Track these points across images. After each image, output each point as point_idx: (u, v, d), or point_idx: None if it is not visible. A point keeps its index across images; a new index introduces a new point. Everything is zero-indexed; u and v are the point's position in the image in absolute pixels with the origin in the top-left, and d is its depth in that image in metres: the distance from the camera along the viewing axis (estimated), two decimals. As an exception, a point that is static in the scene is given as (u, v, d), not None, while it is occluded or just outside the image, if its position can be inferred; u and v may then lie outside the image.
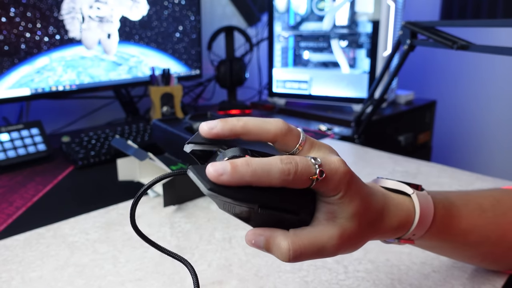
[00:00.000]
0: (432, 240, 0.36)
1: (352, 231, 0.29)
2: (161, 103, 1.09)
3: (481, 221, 0.39)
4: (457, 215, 0.37)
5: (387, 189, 0.34)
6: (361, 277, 0.47)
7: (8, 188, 0.73)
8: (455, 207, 0.37)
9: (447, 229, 0.36)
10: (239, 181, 0.25)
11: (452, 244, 0.39)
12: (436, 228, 0.35)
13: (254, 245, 0.28)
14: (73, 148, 0.88)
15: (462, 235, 0.38)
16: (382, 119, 1.24)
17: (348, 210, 0.28)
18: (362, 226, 0.30)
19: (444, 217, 0.36)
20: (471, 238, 0.38)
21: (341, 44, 1.30)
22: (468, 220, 0.38)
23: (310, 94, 1.32)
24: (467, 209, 0.38)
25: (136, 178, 0.73)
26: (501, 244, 0.40)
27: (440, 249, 0.41)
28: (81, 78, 1.05)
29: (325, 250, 0.28)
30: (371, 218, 0.30)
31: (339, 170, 0.28)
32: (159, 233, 0.57)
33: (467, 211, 0.38)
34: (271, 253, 0.28)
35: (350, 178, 0.28)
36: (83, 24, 1.02)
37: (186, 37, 1.24)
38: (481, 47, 0.72)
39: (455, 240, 0.38)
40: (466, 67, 1.81)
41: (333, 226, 0.29)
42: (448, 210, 0.37)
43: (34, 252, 0.52)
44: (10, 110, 1.09)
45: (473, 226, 0.38)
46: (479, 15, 1.67)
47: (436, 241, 0.37)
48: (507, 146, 1.76)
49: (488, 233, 0.39)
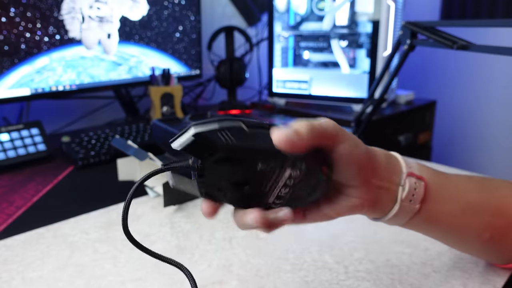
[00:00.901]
0: (429, 207, 0.37)
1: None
2: (161, 103, 1.09)
3: (471, 186, 0.41)
4: (447, 178, 0.40)
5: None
6: (362, 277, 0.47)
7: (8, 188, 0.73)
8: (443, 173, 0.41)
9: (441, 190, 0.38)
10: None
11: (450, 213, 0.39)
12: (430, 192, 0.37)
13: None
14: (73, 148, 0.88)
15: (456, 200, 0.39)
16: (382, 119, 1.24)
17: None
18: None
19: (435, 175, 0.39)
20: (467, 207, 0.39)
21: (341, 44, 1.30)
22: (459, 184, 0.40)
23: (310, 94, 1.32)
24: (456, 177, 0.41)
25: (136, 178, 0.73)
26: (500, 216, 0.40)
27: (438, 222, 0.40)
28: (81, 78, 1.05)
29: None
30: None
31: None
32: (159, 233, 0.57)
33: (455, 177, 0.41)
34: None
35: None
36: (83, 24, 1.02)
37: (186, 37, 1.24)
38: (481, 47, 0.72)
39: (451, 208, 0.39)
40: (466, 67, 1.81)
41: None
42: (437, 173, 0.40)
43: (34, 252, 0.52)
44: (10, 110, 1.09)
45: (465, 191, 0.40)
46: (479, 15, 1.67)
47: (433, 209, 0.38)
48: (507, 146, 1.76)
49: (483, 199, 0.40)
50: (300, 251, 0.52)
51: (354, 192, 0.34)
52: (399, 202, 0.36)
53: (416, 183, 0.36)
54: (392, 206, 0.36)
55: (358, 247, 0.53)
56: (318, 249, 0.52)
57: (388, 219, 0.37)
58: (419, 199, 0.36)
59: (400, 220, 0.37)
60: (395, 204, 0.36)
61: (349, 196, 0.35)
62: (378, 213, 0.37)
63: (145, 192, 0.69)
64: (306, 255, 0.51)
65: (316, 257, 0.51)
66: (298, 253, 0.52)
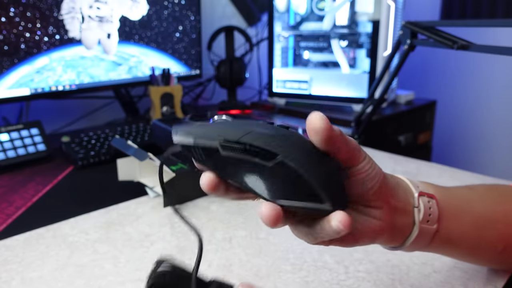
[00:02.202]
0: (444, 225, 0.36)
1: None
2: (161, 103, 1.09)
3: (476, 198, 0.40)
4: (452, 193, 0.39)
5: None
6: (362, 278, 0.47)
7: (8, 188, 0.73)
8: (446, 188, 0.39)
9: (449, 206, 0.37)
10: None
11: (462, 229, 0.37)
12: (443, 211, 0.36)
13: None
14: (73, 148, 0.88)
15: (466, 214, 0.38)
16: (382, 119, 1.24)
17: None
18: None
19: (441, 192, 0.37)
20: (478, 220, 0.38)
21: (341, 44, 1.30)
22: (465, 198, 0.39)
23: (310, 94, 1.32)
24: (459, 190, 0.40)
25: (136, 178, 0.73)
26: (510, 224, 0.39)
27: (452, 240, 0.38)
28: (81, 78, 1.05)
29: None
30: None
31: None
32: (159, 233, 0.57)
33: (459, 190, 0.40)
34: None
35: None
36: (83, 24, 1.01)
37: (186, 37, 1.24)
38: (481, 47, 0.72)
39: (462, 224, 0.37)
40: (466, 67, 1.81)
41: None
42: (442, 189, 0.38)
43: (34, 252, 0.52)
44: (10, 110, 1.09)
45: (472, 204, 0.39)
46: (479, 15, 1.67)
47: (449, 228, 0.36)
48: (507, 146, 1.76)
49: (490, 210, 0.39)
50: (300, 251, 0.52)
51: (376, 213, 0.32)
52: (418, 224, 0.34)
53: (429, 201, 0.35)
54: (410, 230, 0.34)
55: (358, 247, 0.53)
56: (318, 249, 0.52)
57: (408, 244, 0.35)
58: (435, 218, 0.35)
59: (420, 244, 0.35)
60: (413, 227, 0.34)
61: (371, 217, 0.32)
62: (398, 238, 0.35)
63: (145, 192, 0.69)
64: (306, 255, 0.51)
65: (316, 257, 0.51)
66: (298, 253, 0.52)
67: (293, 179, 0.26)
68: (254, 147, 0.26)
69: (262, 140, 0.26)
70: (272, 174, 0.27)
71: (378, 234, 0.32)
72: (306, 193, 0.26)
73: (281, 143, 0.26)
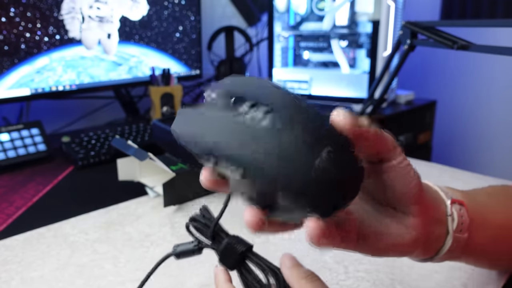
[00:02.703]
0: (472, 234, 0.33)
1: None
2: (161, 103, 1.09)
3: (496, 204, 0.37)
4: (475, 199, 0.36)
5: None
6: (362, 277, 0.47)
7: (8, 188, 0.73)
8: (469, 194, 0.36)
9: (474, 214, 0.34)
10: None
11: (483, 240, 0.35)
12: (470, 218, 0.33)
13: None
14: (73, 148, 0.88)
15: (489, 224, 0.35)
16: (382, 119, 1.24)
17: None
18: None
19: (467, 198, 0.34)
20: (498, 232, 0.36)
21: (341, 44, 1.30)
22: (487, 206, 0.37)
23: (310, 94, 1.32)
24: (481, 197, 0.37)
25: (136, 178, 0.73)
26: None
27: (473, 250, 0.35)
28: (81, 78, 1.05)
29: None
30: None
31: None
32: (159, 233, 0.57)
33: (481, 197, 0.37)
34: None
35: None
36: (83, 24, 1.02)
37: (186, 37, 1.24)
38: (481, 47, 0.72)
39: (485, 234, 0.35)
40: (466, 67, 1.81)
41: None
42: (467, 195, 0.35)
43: (34, 252, 0.52)
44: (10, 110, 1.09)
45: (494, 212, 0.36)
46: (479, 15, 1.67)
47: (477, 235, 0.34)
48: (507, 146, 1.76)
49: (510, 219, 0.37)
50: (300, 251, 0.52)
51: (412, 222, 0.29)
52: (452, 234, 0.31)
53: (461, 209, 0.32)
54: (443, 240, 0.31)
55: (358, 247, 0.53)
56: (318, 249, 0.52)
57: (440, 256, 0.32)
58: (466, 226, 0.32)
59: (452, 254, 0.33)
60: (447, 237, 0.31)
61: (405, 226, 0.29)
62: (431, 250, 0.32)
63: (145, 192, 0.69)
64: (306, 255, 0.51)
65: (316, 257, 0.51)
66: (298, 253, 0.52)
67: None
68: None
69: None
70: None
71: (411, 248, 0.30)
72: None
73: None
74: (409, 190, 0.28)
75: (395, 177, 0.28)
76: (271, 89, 0.24)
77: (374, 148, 0.26)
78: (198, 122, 0.25)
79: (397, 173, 0.28)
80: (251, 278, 0.31)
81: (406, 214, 0.29)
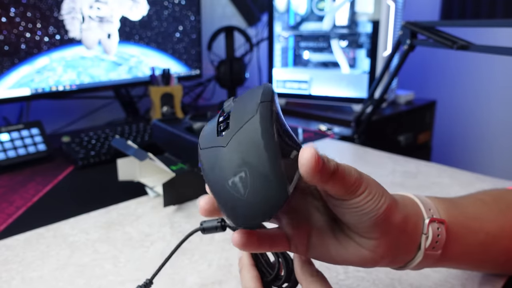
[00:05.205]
0: (450, 248, 0.34)
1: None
2: (161, 103, 1.09)
3: (486, 211, 0.38)
4: (464, 210, 0.36)
5: None
6: (361, 277, 0.47)
7: (8, 188, 0.73)
8: (458, 204, 0.37)
9: (459, 228, 0.35)
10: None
11: (469, 249, 0.36)
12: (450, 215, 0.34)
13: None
14: (73, 148, 0.88)
15: (475, 233, 0.36)
16: (382, 119, 1.24)
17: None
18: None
19: (453, 210, 0.35)
20: (486, 240, 0.36)
21: (341, 44, 1.30)
22: (476, 215, 0.37)
23: (310, 94, 1.32)
24: (471, 204, 0.38)
25: (136, 178, 0.73)
26: None
27: (457, 259, 0.37)
28: (81, 78, 1.05)
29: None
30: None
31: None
32: (159, 233, 0.57)
33: (471, 204, 0.38)
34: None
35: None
36: (83, 24, 1.02)
37: (186, 37, 1.24)
38: (481, 47, 0.72)
39: (470, 244, 0.36)
40: (466, 67, 1.81)
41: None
42: (454, 207, 0.36)
43: (34, 252, 0.52)
44: (10, 110, 1.09)
45: (483, 220, 0.37)
46: (479, 15, 1.67)
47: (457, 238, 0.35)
48: (507, 146, 1.76)
49: (499, 225, 0.38)
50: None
51: (369, 244, 0.30)
52: (423, 251, 0.32)
53: (439, 228, 0.32)
54: (413, 255, 0.32)
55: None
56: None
57: (410, 267, 0.34)
58: (441, 245, 0.33)
59: (422, 266, 0.34)
60: (417, 253, 0.32)
61: (362, 247, 0.30)
62: (398, 262, 0.33)
63: (145, 192, 0.69)
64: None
65: (316, 257, 0.51)
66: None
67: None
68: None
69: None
70: None
71: (368, 263, 0.31)
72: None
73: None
74: (370, 223, 0.29)
75: (356, 213, 0.28)
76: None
77: (333, 191, 0.27)
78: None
79: (354, 210, 0.28)
80: (262, 261, 0.35)
81: (362, 237, 0.30)
